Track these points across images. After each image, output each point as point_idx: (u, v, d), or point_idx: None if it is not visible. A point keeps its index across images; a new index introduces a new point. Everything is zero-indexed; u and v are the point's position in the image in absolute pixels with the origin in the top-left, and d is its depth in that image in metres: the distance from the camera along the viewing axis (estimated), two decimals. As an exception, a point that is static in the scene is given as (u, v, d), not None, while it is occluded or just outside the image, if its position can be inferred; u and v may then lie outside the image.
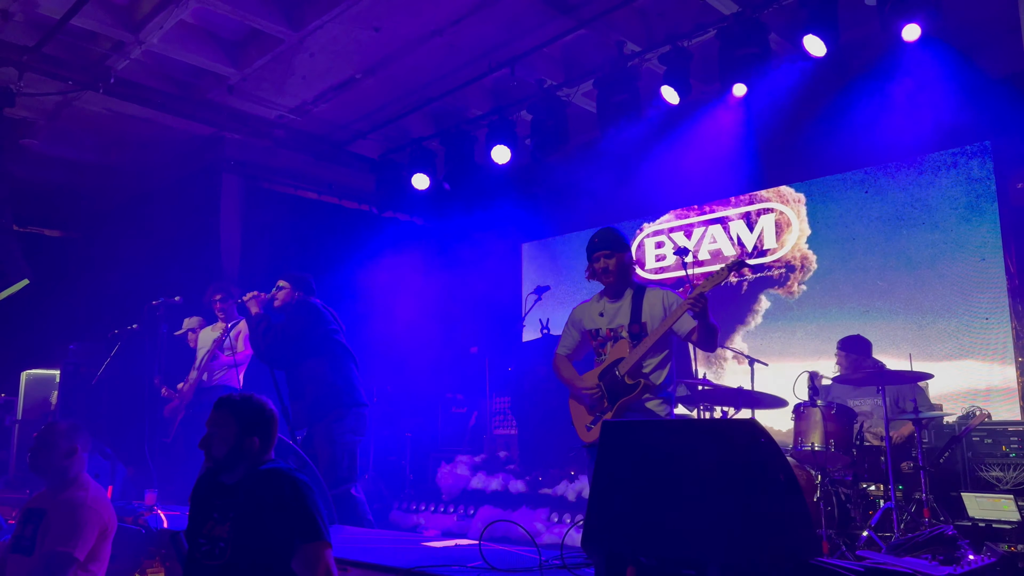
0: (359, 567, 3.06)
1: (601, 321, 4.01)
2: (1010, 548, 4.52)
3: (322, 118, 7.87)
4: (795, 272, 7.39)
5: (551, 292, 8.17)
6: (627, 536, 2.42)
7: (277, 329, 4.93)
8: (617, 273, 3.96)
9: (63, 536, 3.19)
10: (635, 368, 3.80)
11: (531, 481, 6.55)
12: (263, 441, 2.70)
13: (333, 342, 5.02)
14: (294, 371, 5.01)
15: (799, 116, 6.66)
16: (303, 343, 4.93)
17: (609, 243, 3.98)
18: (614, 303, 4.00)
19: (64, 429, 3.46)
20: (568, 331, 4.21)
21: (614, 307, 3.99)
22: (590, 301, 4.16)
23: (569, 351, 4.21)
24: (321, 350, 4.96)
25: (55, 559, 3.16)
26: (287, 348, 4.93)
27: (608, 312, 4.01)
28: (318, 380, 4.89)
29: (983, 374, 6.22)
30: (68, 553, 3.17)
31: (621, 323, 3.93)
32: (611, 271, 3.95)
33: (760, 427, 2.41)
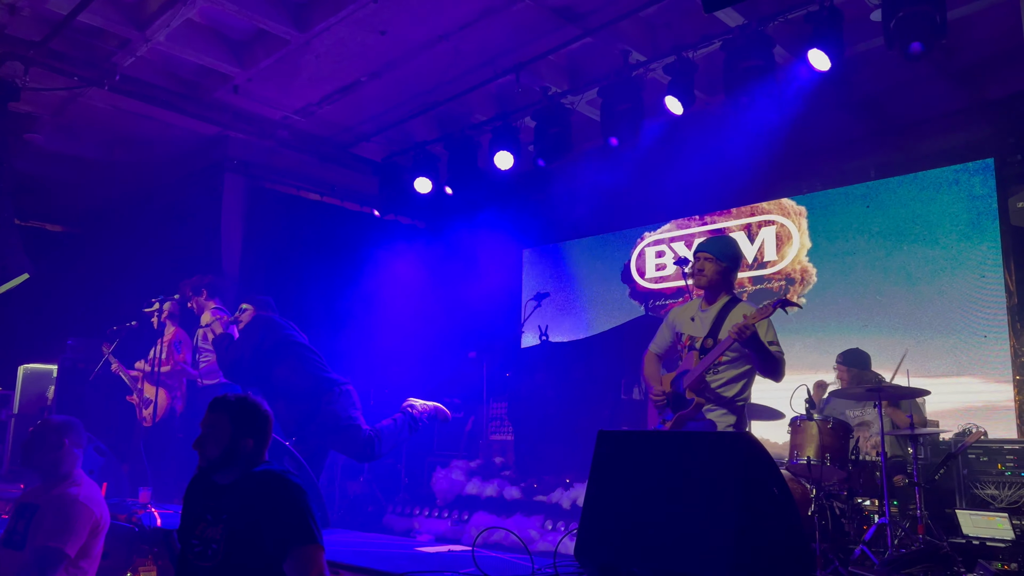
0: (352, 571, 3.05)
1: (690, 326, 3.99)
2: (1004, 566, 4.51)
3: (326, 120, 7.88)
4: (795, 285, 7.40)
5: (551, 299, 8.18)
6: (621, 547, 2.42)
7: (238, 347, 5.01)
8: (710, 280, 3.93)
9: (54, 532, 3.18)
10: (697, 382, 3.76)
11: (526, 488, 6.53)
12: (257, 443, 2.69)
13: (292, 343, 5.12)
14: (266, 385, 5.05)
15: (802, 129, 6.67)
16: (265, 353, 5.04)
17: (713, 247, 3.96)
18: (705, 311, 3.98)
19: (56, 424, 3.45)
20: (662, 330, 4.21)
21: (703, 315, 3.97)
22: (688, 303, 4.16)
23: (660, 350, 4.20)
24: (283, 355, 5.06)
25: (46, 554, 3.15)
26: (253, 364, 5.00)
27: (698, 319, 3.99)
28: (291, 383, 4.97)
29: (980, 392, 6.22)
30: (59, 549, 3.16)
31: (700, 334, 3.90)
32: (704, 274, 3.93)
33: (755, 440, 2.41)
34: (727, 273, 3.96)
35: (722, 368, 3.84)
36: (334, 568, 2.86)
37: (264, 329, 5.14)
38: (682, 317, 4.10)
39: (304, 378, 5.00)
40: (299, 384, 4.99)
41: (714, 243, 4.03)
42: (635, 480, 2.50)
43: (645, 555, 2.35)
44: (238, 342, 5.10)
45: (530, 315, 7.58)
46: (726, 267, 3.96)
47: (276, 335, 5.12)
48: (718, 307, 3.92)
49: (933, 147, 6.74)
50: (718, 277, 3.93)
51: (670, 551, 2.29)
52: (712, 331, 3.86)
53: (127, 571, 4.08)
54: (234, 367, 5.11)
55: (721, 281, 3.95)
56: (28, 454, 3.41)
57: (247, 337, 5.12)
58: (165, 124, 7.64)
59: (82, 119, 7.70)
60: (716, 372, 3.84)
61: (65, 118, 7.64)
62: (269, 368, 5.07)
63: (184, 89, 7.28)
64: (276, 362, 5.06)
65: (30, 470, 3.47)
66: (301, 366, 5.04)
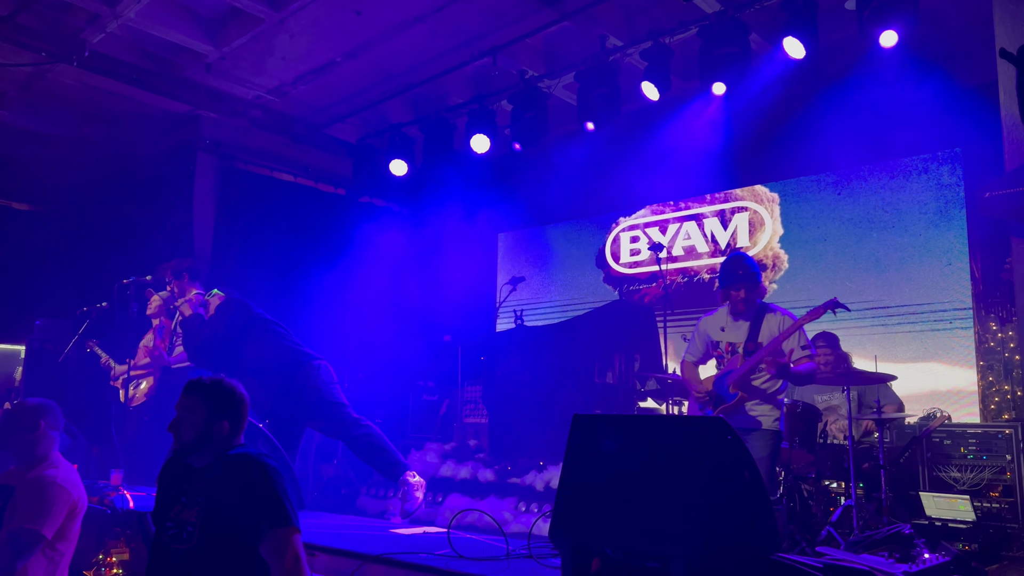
0: (327, 552, 3.07)
1: (723, 335, 4.52)
2: (964, 547, 4.64)
3: (300, 100, 7.80)
4: (766, 271, 7.48)
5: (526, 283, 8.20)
6: (594, 528, 2.45)
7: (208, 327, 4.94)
8: (749, 301, 4.45)
9: (31, 514, 3.16)
10: (741, 380, 4.28)
11: (500, 470, 6.58)
12: (232, 425, 2.69)
13: (264, 320, 5.08)
14: (236, 366, 4.99)
15: (776, 117, 6.73)
16: (236, 334, 4.99)
17: (749, 279, 4.44)
18: (737, 321, 4.48)
19: (32, 406, 3.42)
20: (695, 340, 4.70)
21: (736, 324, 4.47)
22: (715, 314, 4.65)
23: (695, 358, 4.69)
24: (255, 333, 5.02)
25: (23, 536, 3.13)
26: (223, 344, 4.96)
27: (730, 327, 4.50)
28: (265, 360, 4.92)
29: (946, 377, 6.35)
30: (36, 531, 3.14)
31: (740, 340, 4.42)
32: (749, 301, 4.44)
33: (728, 424, 2.45)
34: (761, 292, 4.59)
35: (763, 369, 4.28)
36: (310, 550, 2.87)
37: (236, 310, 5.08)
38: (713, 327, 4.60)
39: (279, 353, 4.94)
40: (273, 360, 4.92)
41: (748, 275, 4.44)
42: (609, 463, 2.53)
43: (618, 537, 2.39)
44: (208, 322, 5.03)
45: (505, 299, 7.61)
46: (760, 287, 4.55)
47: (248, 315, 5.06)
48: (751, 317, 4.44)
49: (903, 136, 6.83)
50: (753, 297, 4.47)
51: (643, 533, 2.33)
52: (751, 336, 4.38)
53: (99, 553, 4.06)
54: (201, 348, 5.04)
55: (756, 299, 4.49)
56: (3, 436, 3.37)
57: (218, 318, 5.05)
58: (136, 102, 7.52)
59: (50, 96, 7.55)
60: (758, 372, 4.30)
61: (33, 94, 7.48)
62: (240, 348, 4.98)
63: (155, 67, 7.16)
64: (247, 341, 4.99)
65: (5, 452, 3.43)
66: (275, 342, 4.98)
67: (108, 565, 4.09)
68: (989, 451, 5.02)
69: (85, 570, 3.96)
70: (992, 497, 4.91)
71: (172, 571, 2.54)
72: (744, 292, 4.40)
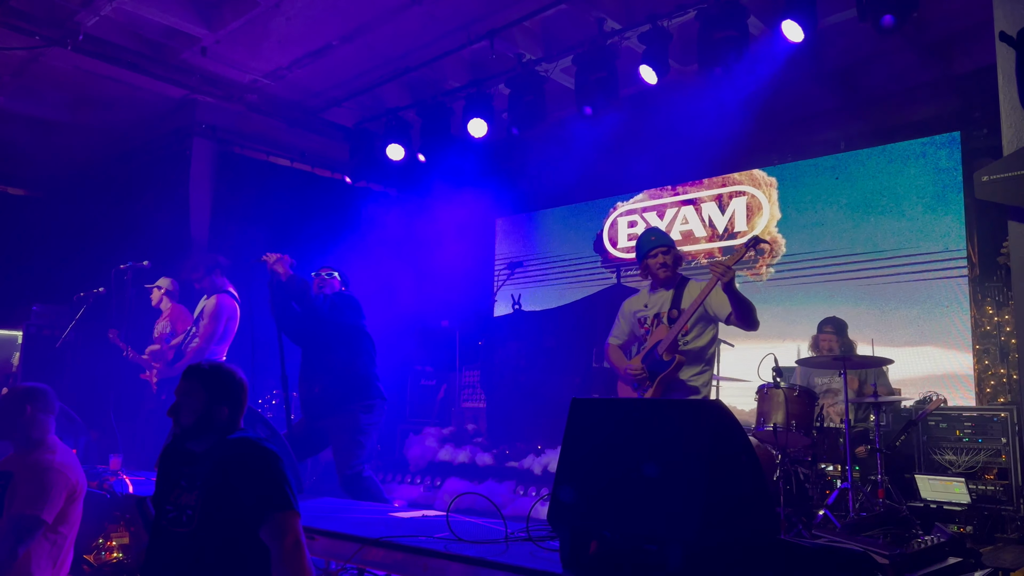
0: (327, 536, 3.08)
1: (646, 311, 4.42)
2: (960, 529, 4.69)
3: (297, 84, 7.76)
4: (764, 255, 7.49)
5: (523, 268, 8.21)
6: (592, 511, 2.47)
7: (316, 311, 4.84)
8: (673, 267, 4.35)
9: (30, 499, 3.17)
10: (672, 345, 4.16)
11: (498, 454, 6.62)
12: (232, 410, 2.69)
13: (365, 336, 5.07)
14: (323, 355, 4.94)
15: (775, 100, 6.71)
16: (342, 332, 4.94)
17: (665, 241, 4.37)
18: (656, 293, 4.41)
19: (20, 392, 3.41)
20: (618, 322, 4.60)
21: (657, 297, 4.39)
22: (638, 294, 4.58)
23: (620, 340, 4.58)
24: (355, 342, 5.00)
25: (23, 522, 3.14)
26: (323, 332, 4.90)
27: (652, 302, 4.41)
28: (350, 370, 4.90)
29: (942, 361, 6.38)
30: (35, 516, 3.15)
31: (662, 310, 4.32)
32: (669, 266, 4.33)
33: (725, 407, 2.46)
34: (679, 255, 4.45)
35: (691, 334, 4.24)
36: (309, 533, 2.88)
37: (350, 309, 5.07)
38: (636, 305, 4.52)
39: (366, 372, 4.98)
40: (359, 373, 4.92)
41: (660, 236, 4.43)
42: (607, 446, 2.55)
43: (616, 519, 2.41)
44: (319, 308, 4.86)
45: (503, 284, 7.62)
46: (677, 251, 4.44)
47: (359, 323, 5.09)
48: (673, 287, 4.36)
49: (901, 120, 6.83)
50: (676, 262, 4.38)
51: (641, 515, 2.34)
52: (675, 303, 4.27)
53: (99, 537, 4.08)
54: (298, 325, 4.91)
55: (677, 265, 4.40)
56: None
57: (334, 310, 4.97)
58: (131, 86, 7.47)
59: (44, 80, 7.50)
60: (685, 336, 4.22)
61: (26, 79, 7.43)
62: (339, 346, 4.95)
63: (150, 50, 7.11)
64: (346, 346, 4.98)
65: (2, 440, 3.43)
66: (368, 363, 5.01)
67: (108, 549, 4.11)
68: (985, 434, 5.06)
69: (85, 554, 3.98)
70: (987, 480, 4.95)
71: (172, 554, 2.55)
72: (661, 256, 4.31)
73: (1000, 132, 4.27)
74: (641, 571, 2.26)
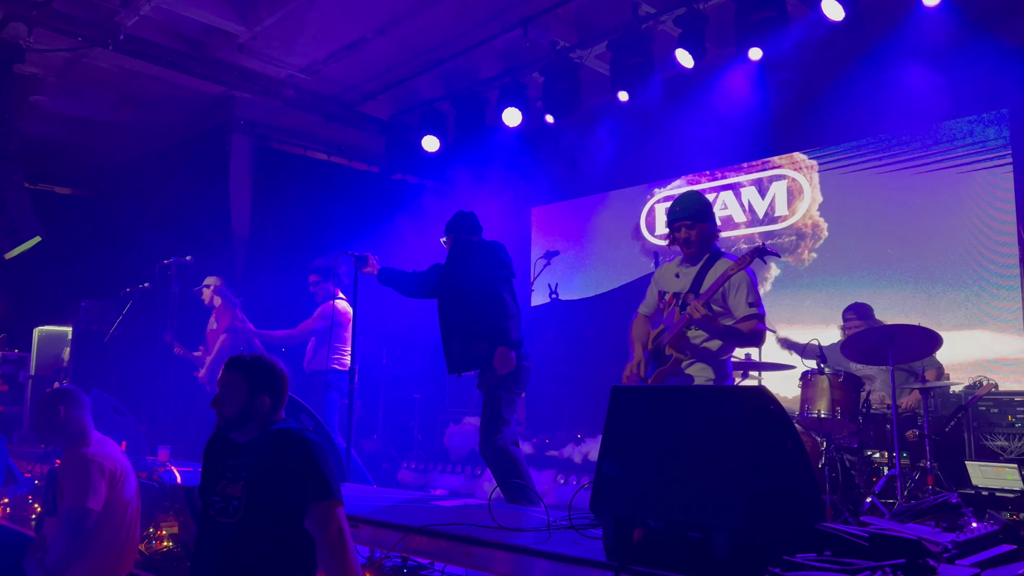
0: (370, 524, 3.11)
1: (674, 284, 3.94)
2: (1012, 516, 4.57)
3: (332, 78, 7.82)
4: (805, 239, 7.36)
5: (560, 257, 8.17)
6: (635, 499, 2.45)
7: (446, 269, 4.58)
8: (698, 243, 3.87)
9: (74, 492, 3.31)
10: (677, 338, 3.75)
11: (538, 443, 6.63)
12: (274, 401, 2.72)
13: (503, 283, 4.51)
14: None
15: (814, 81, 6.58)
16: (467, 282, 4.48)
17: (690, 213, 3.85)
18: (687, 267, 3.92)
19: (51, 395, 3.56)
20: (649, 291, 4.15)
21: (687, 271, 3.91)
22: (673, 261, 4.09)
23: (648, 311, 4.13)
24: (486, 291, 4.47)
25: (72, 515, 3.28)
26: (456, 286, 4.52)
27: (682, 275, 3.93)
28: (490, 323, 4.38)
29: (992, 344, 6.21)
30: (81, 507, 3.29)
31: (683, 290, 3.84)
32: (692, 241, 3.86)
33: (769, 394, 2.43)
34: (708, 229, 3.89)
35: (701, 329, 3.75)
36: (353, 522, 2.91)
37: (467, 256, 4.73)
38: (666, 275, 4.05)
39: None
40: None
41: (686, 207, 3.89)
42: (649, 434, 2.52)
43: (660, 507, 2.39)
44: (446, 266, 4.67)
45: (540, 273, 7.59)
46: (709, 225, 3.90)
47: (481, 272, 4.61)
48: (700, 264, 3.87)
49: (947, 98, 6.63)
50: (703, 238, 3.88)
51: (685, 503, 2.32)
52: (694, 286, 3.79)
53: (150, 527, 4.17)
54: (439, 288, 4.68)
55: (706, 240, 3.89)
56: (38, 430, 3.54)
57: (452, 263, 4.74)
58: (171, 84, 7.60)
59: (87, 80, 7.66)
60: (697, 328, 3.75)
61: (70, 80, 7.60)
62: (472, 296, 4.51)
63: (189, 48, 7.22)
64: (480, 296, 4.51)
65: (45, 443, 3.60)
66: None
67: (159, 538, 4.21)
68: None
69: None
70: (1041, 466, 4.81)
71: (220, 543, 2.59)
72: (684, 231, 3.83)
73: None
74: (686, 559, 2.24)
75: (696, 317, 3.58)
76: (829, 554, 2.25)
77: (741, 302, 3.69)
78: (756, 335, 3.74)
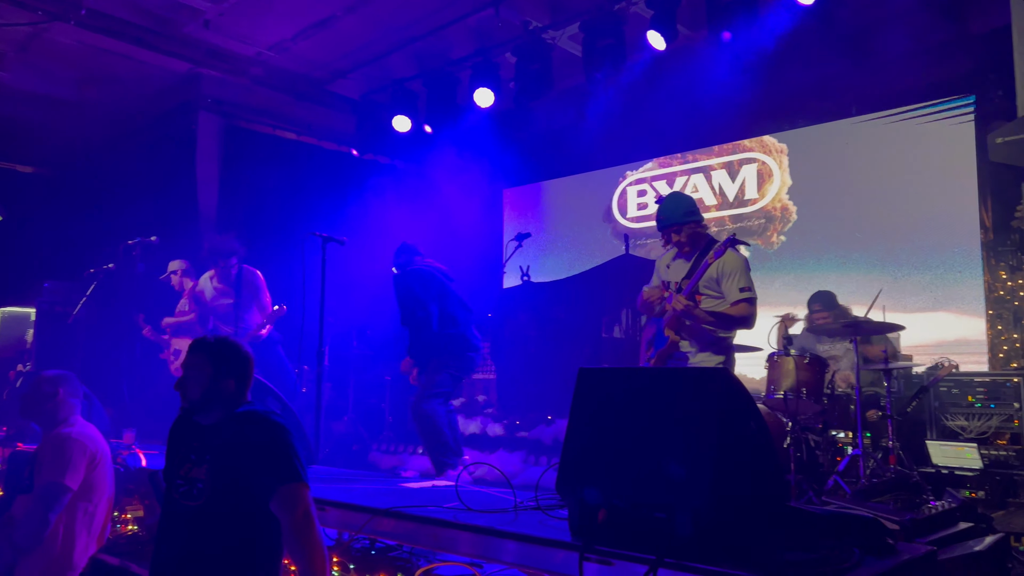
0: (337, 507, 3.10)
1: (668, 272, 4.25)
2: (971, 494, 4.68)
3: (302, 56, 7.70)
4: (774, 223, 7.43)
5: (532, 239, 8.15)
6: (600, 480, 2.47)
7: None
8: (690, 243, 4.14)
9: (52, 468, 3.33)
10: (675, 322, 3.99)
11: (509, 425, 6.64)
12: (239, 383, 2.69)
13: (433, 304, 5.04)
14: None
15: (785, 65, 6.61)
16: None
17: (676, 219, 4.11)
18: (681, 259, 4.21)
19: (49, 376, 3.60)
20: (655, 274, 4.44)
21: (680, 263, 4.21)
22: (669, 252, 4.35)
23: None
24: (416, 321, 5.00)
25: (48, 489, 3.30)
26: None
27: (674, 266, 4.23)
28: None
29: (954, 326, 6.34)
30: (59, 482, 3.31)
31: (679, 278, 4.12)
32: (684, 243, 4.13)
33: (733, 376, 2.45)
34: (695, 229, 4.15)
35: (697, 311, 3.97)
36: (320, 505, 2.90)
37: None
38: (662, 264, 4.36)
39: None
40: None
41: (670, 215, 4.13)
42: (615, 415, 2.54)
43: (625, 488, 2.40)
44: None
45: (511, 255, 7.57)
46: (695, 225, 4.14)
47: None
48: (696, 255, 4.14)
49: (914, 83, 6.71)
50: (690, 238, 4.13)
51: (649, 483, 2.34)
52: (689, 273, 4.05)
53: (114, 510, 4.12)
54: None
55: (696, 238, 4.15)
56: (25, 406, 3.55)
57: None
58: (136, 61, 7.44)
59: (49, 56, 7.46)
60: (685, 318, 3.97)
61: (31, 55, 7.41)
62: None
63: (153, 24, 7.06)
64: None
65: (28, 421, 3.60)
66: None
67: (123, 522, 4.17)
68: (997, 399, 5.03)
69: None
70: (999, 445, 4.93)
71: (184, 527, 2.57)
72: (674, 236, 4.11)
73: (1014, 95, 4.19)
74: (651, 538, 2.26)
75: (679, 309, 3.86)
76: (792, 532, 2.29)
77: (733, 287, 3.95)
78: (746, 318, 3.98)
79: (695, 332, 4.02)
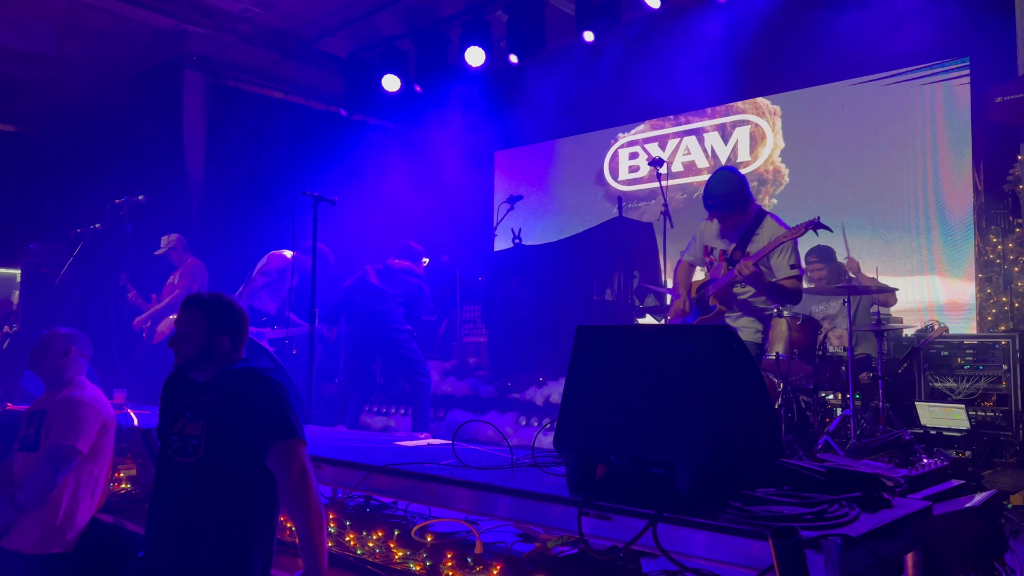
0: (333, 464, 3.09)
1: (715, 242, 4.21)
2: (959, 454, 4.73)
3: (289, 13, 7.55)
4: (767, 185, 7.40)
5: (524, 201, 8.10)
6: (599, 436, 2.46)
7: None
8: (739, 217, 4.10)
9: (64, 431, 3.32)
10: (723, 291, 4.02)
11: (500, 386, 6.65)
12: (233, 340, 2.66)
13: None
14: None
15: (779, 26, 6.54)
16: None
17: (729, 204, 4.03)
18: (731, 227, 4.15)
19: (63, 333, 3.59)
20: (694, 241, 4.40)
21: (731, 231, 4.16)
22: (714, 221, 4.28)
23: (691, 258, 4.43)
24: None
25: (59, 452, 3.29)
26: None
27: (721, 235, 4.20)
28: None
29: (945, 289, 6.37)
30: (71, 446, 3.31)
31: (728, 247, 4.12)
32: (731, 220, 4.09)
33: (733, 332, 2.44)
34: (746, 202, 4.08)
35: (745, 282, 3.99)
36: (316, 462, 2.89)
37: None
38: (710, 231, 4.27)
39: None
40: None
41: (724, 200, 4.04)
42: (613, 372, 2.53)
43: (623, 444, 2.40)
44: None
45: (503, 218, 7.53)
46: (749, 207, 4.09)
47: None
48: (746, 225, 4.11)
49: (909, 45, 6.64)
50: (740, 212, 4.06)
51: (648, 439, 2.34)
52: (741, 244, 4.05)
53: (109, 470, 4.11)
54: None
55: (745, 210, 4.08)
56: (35, 360, 3.53)
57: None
58: (119, 16, 7.27)
59: (29, 11, 7.29)
60: (744, 284, 4.01)
61: (10, 10, 7.22)
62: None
63: (137, -22, 6.91)
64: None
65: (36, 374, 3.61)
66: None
67: (116, 480, 4.16)
68: (985, 361, 5.07)
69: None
70: (986, 406, 4.98)
71: (178, 484, 2.55)
72: (727, 217, 4.07)
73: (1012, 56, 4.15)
74: (649, 494, 2.26)
75: (745, 274, 3.84)
76: (788, 488, 2.29)
77: (784, 263, 3.96)
78: (796, 293, 4.02)
79: (743, 304, 4.05)
